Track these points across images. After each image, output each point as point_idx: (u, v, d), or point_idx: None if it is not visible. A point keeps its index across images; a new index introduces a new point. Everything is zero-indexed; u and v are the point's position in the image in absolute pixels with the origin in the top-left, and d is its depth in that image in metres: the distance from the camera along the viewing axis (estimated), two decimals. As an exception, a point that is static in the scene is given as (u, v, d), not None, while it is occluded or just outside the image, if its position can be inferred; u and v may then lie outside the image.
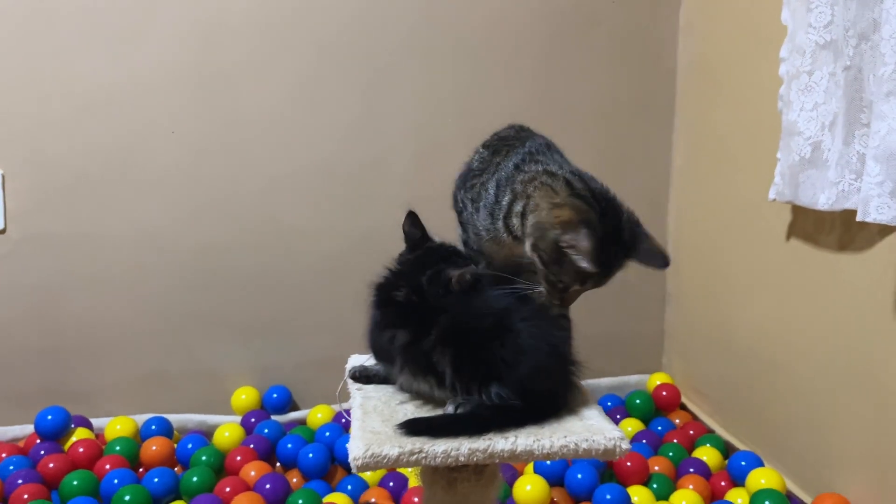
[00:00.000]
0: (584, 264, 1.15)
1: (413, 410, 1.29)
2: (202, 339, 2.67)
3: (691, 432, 2.54)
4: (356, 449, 1.17)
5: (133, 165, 2.51)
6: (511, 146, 1.34)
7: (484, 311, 1.23)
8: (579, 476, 2.16)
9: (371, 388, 1.38)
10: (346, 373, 1.48)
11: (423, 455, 1.18)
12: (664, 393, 2.71)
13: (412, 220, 1.40)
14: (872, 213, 1.62)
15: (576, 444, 1.22)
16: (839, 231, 1.96)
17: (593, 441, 1.23)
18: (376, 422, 1.26)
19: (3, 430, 2.50)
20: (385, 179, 2.68)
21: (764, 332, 2.31)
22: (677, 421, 2.65)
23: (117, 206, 2.52)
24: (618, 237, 1.17)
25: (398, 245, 1.52)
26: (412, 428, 1.21)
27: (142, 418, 2.54)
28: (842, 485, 2.01)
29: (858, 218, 1.65)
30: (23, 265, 2.50)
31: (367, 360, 1.49)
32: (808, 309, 2.10)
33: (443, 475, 1.40)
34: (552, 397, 1.29)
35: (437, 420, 1.22)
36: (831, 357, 2.02)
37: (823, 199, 1.86)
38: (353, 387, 1.40)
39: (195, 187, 2.57)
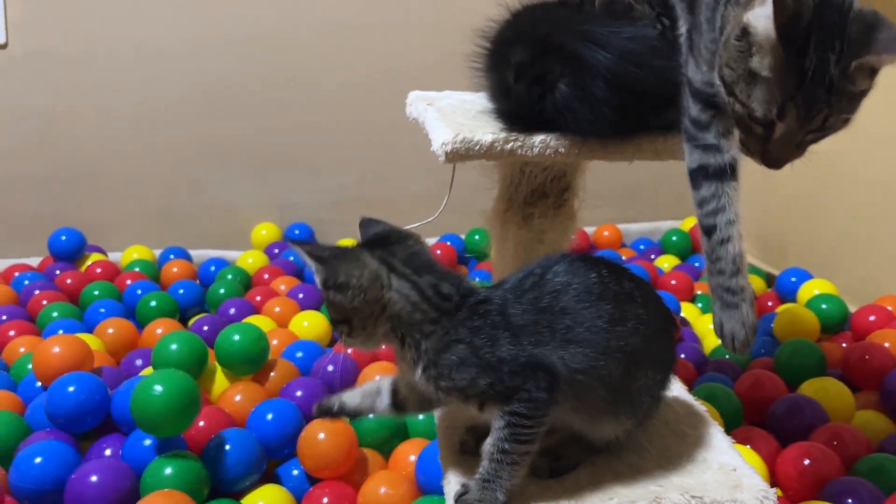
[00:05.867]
0: (766, 62, 0.78)
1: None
2: (219, 174, 2.52)
3: (730, 267, 2.45)
4: (444, 135, 1.05)
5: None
6: None
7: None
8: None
9: (444, 103, 1.26)
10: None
11: (520, 144, 1.06)
12: (700, 232, 2.62)
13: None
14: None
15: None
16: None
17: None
18: (460, 118, 1.14)
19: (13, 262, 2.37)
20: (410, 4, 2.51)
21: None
22: (713, 259, 2.57)
23: (123, 22, 2.34)
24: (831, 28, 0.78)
25: (424, 80, 1.38)
26: (511, 116, 1.09)
27: (158, 252, 2.41)
28: (899, 290, 1.95)
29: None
30: (26, 85, 2.32)
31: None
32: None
33: (518, 211, 1.30)
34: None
35: (543, 112, 1.08)
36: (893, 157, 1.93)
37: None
38: (420, 102, 1.27)
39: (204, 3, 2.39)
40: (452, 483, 0.91)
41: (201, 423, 1.38)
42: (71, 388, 1.36)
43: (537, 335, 0.84)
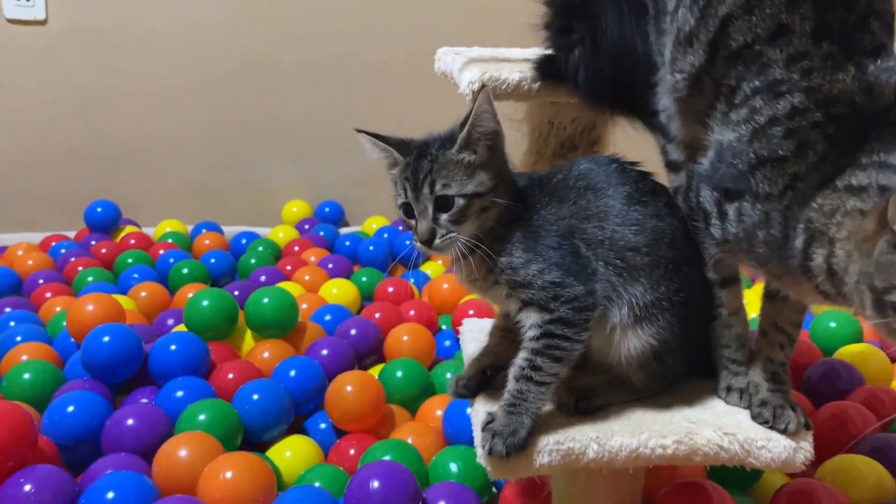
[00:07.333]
0: None
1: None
2: (253, 152, 2.55)
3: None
4: (471, 74, 1.05)
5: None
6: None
7: None
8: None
9: (474, 53, 1.26)
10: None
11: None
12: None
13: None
14: None
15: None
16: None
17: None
18: (490, 63, 1.13)
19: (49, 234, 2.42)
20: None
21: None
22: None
23: (161, 1, 2.38)
24: None
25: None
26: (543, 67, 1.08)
27: (191, 227, 2.45)
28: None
29: None
30: (66, 63, 2.37)
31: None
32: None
33: (548, 164, 1.28)
34: None
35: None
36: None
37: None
38: (448, 55, 1.26)
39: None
40: (480, 413, 0.91)
41: (230, 376, 1.39)
42: (105, 339, 1.38)
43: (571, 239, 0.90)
